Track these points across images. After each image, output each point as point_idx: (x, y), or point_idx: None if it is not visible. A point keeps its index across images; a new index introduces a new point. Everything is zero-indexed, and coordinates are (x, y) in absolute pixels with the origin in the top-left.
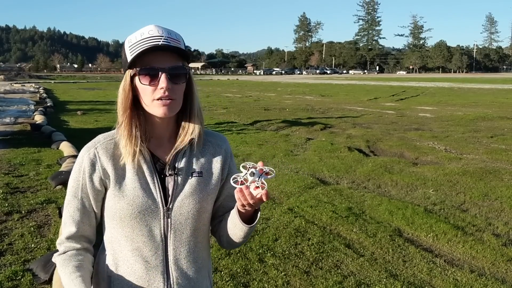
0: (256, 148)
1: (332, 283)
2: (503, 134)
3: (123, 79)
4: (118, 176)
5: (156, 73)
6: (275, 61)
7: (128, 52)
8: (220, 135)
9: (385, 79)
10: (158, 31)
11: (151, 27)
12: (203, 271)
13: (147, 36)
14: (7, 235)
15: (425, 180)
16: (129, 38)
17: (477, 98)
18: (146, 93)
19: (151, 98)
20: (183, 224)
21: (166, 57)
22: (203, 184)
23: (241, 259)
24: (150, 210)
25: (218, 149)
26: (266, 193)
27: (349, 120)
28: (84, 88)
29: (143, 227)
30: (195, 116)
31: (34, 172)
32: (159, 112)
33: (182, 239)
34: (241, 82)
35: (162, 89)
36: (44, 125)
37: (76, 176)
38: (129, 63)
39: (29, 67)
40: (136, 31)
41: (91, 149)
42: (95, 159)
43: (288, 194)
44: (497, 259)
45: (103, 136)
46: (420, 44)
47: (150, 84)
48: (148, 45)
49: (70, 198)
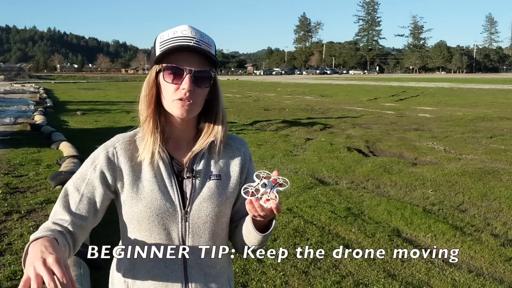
0: (255, 148)
1: (330, 283)
2: (503, 135)
3: (148, 74)
4: (135, 178)
5: (181, 73)
6: (275, 61)
7: (158, 47)
8: (239, 138)
9: (385, 79)
10: (191, 32)
11: (185, 26)
12: (222, 277)
13: (180, 35)
14: (7, 235)
15: (424, 181)
16: (162, 34)
17: (477, 98)
18: (168, 91)
19: (172, 97)
20: (201, 228)
21: (194, 59)
22: (221, 188)
23: (240, 259)
24: (168, 213)
25: (237, 152)
26: (277, 207)
27: (348, 120)
28: (84, 88)
29: (161, 231)
30: (219, 120)
31: (33, 172)
32: (177, 113)
33: (200, 243)
34: (241, 82)
35: (184, 90)
36: (44, 125)
37: (85, 170)
38: (157, 58)
39: (29, 67)
40: (170, 28)
41: (110, 148)
42: (113, 158)
43: (287, 194)
44: (495, 259)
45: (122, 136)
46: (420, 44)
47: (173, 82)
48: (178, 43)
49: (72, 190)
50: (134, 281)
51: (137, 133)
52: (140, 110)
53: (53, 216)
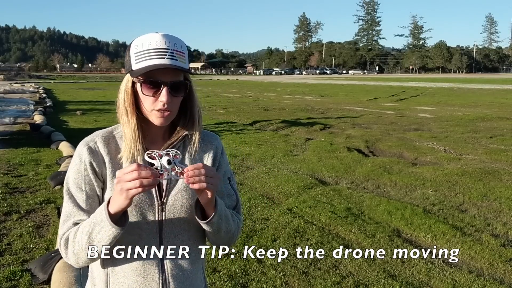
0: (255, 148)
1: (331, 283)
2: (503, 135)
3: (124, 81)
4: (115, 170)
5: (159, 86)
6: (275, 61)
7: (133, 59)
8: (212, 134)
9: (385, 79)
10: (165, 43)
11: (158, 37)
12: (197, 264)
13: (155, 48)
14: (6, 235)
15: (424, 181)
16: (135, 44)
17: (477, 98)
18: (147, 103)
19: (151, 108)
20: (177, 218)
21: (169, 72)
22: None
23: (240, 260)
24: (145, 204)
25: (209, 146)
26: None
27: (348, 120)
28: (84, 88)
29: (139, 220)
30: (193, 116)
31: (33, 172)
32: (156, 122)
33: (176, 232)
34: (241, 82)
35: (162, 102)
36: (44, 125)
37: (77, 169)
38: (133, 72)
39: (28, 67)
40: (143, 35)
41: (91, 143)
42: (95, 151)
43: (287, 195)
44: (496, 259)
45: (100, 132)
46: (420, 44)
47: (152, 95)
48: (155, 62)
49: (74, 191)
50: (113, 269)
51: (115, 129)
52: (120, 114)
53: (68, 221)
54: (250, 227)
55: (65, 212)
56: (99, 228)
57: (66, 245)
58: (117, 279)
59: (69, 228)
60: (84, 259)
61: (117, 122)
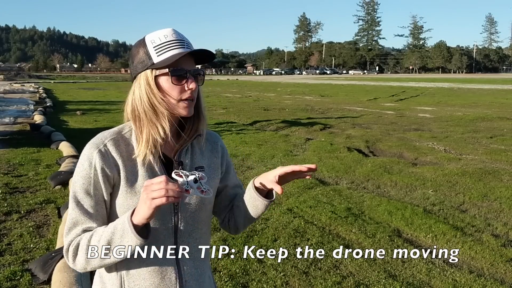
0: (255, 148)
1: (331, 283)
2: (503, 135)
3: (142, 79)
4: (129, 172)
5: (186, 75)
6: (275, 61)
7: (153, 52)
8: (214, 133)
9: (384, 79)
10: (179, 35)
11: (171, 30)
12: (207, 261)
13: (173, 39)
14: (6, 235)
15: (424, 181)
16: (151, 39)
17: (477, 98)
18: (174, 93)
19: (178, 98)
20: (191, 216)
21: (190, 61)
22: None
23: (240, 260)
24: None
25: (215, 145)
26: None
27: (348, 121)
28: (84, 88)
29: (155, 222)
30: (202, 115)
31: (33, 172)
32: (184, 112)
33: (190, 230)
34: (241, 82)
35: (190, 90)
36: (44, 125)
37: (86, 173)
38: (157, 63)
39: (28, 67)
40: (154, 32)
41: (100, 145)
42: (106, 155)
43: (288, 195)
44: (496, 259)
45: (108, 133)
46: (420, 44)
47: (182, 84)
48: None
49: (82, 196)
50: (128, 272)
51: (122, 130)
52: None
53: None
54: (250, 227)
55: (72, 219)
56: (120, 239)
57: (75, 252)
58: (132, 281)
59: (77, 234)
60: (95, 266)
61: (117, 122)
